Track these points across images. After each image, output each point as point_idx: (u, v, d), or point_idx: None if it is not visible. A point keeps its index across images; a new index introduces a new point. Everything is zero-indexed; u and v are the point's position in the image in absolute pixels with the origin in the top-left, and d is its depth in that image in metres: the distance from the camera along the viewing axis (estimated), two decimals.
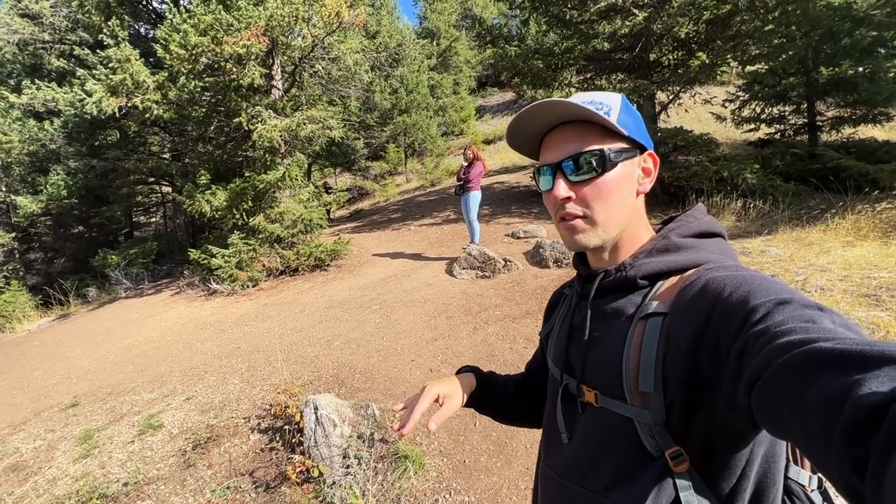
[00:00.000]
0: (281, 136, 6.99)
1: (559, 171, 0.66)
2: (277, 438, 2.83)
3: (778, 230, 5.26)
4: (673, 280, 0.63)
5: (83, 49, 8.88)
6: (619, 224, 0.66)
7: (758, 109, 9.36)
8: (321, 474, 2.34)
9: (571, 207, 0.65)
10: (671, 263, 0.63)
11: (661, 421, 0.55)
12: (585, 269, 0.73)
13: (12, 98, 9.62)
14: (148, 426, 3.35)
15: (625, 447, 0.59)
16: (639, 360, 0.58)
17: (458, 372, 0.93)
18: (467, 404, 0.89)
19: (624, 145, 0.66)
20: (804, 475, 0.61)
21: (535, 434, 2.51)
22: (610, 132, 0.65)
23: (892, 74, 8.17)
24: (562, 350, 0.73)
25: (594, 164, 0.63)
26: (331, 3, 6.85)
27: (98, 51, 8.27)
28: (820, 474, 0.62)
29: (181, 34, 6.25)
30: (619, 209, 0.65)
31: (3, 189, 12.37)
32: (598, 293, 0.68)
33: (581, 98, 0.66)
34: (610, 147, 0.64)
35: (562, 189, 0.65)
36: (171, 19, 6.44)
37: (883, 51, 8.10)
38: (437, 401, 0.82)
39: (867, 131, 8.75)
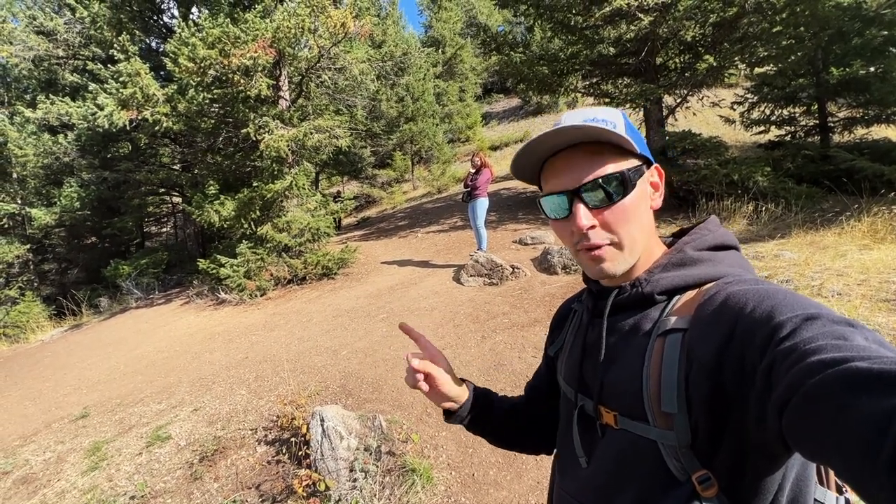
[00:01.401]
0: (288, 145, 7.05)
1: (577, 198, 0.61)
2: (284, 451, 2.81)
3: (791, 234, 5.16)
4: (690, 294, 0.60)
5: (95, 64, 9.07)
6: (643, 244, 0.64)
7: (767, 111, 9.25)
8: (327, 488, 2.30)
9: (596, 236, 0.61)
10: (688, 278, 0.60)
11: (687, 443, 0.52)
12: (596, 284, 0.71)
13: (28, 113, 9.84)
14: (156, 438, 3.35)
15: (648, 471, 0.56)
16: (660, 378, 0.55)
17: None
18: (453, 419, 0.84)
19: (637, 163, 0.63)
20: (830, 496, 0.58)
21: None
22: (621, 150, 0.62)
23: None
24: (576, 370, 0.70)
25: (617, 188, 0.60)
26: (336, 14, 6.93)
27: (110, 65, 8.44)
28: (847, 496, 0.59)
29: (190, 48, 6.35)
30: (641, 230, 0.63)
31: (19, 201, 12.62)
32: (612, 309, 0.66)
33: (581, 116, 0.62)
34: (628, 168, 0.61)
35: (585, 217, 0.60)
36: (180, 33, 6.55)
37: (894, 50, 7.98)
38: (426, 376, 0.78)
39: (880, 131, 8.60)
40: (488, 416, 0.85)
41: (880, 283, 3.46)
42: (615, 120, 0.63)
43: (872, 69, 7.71)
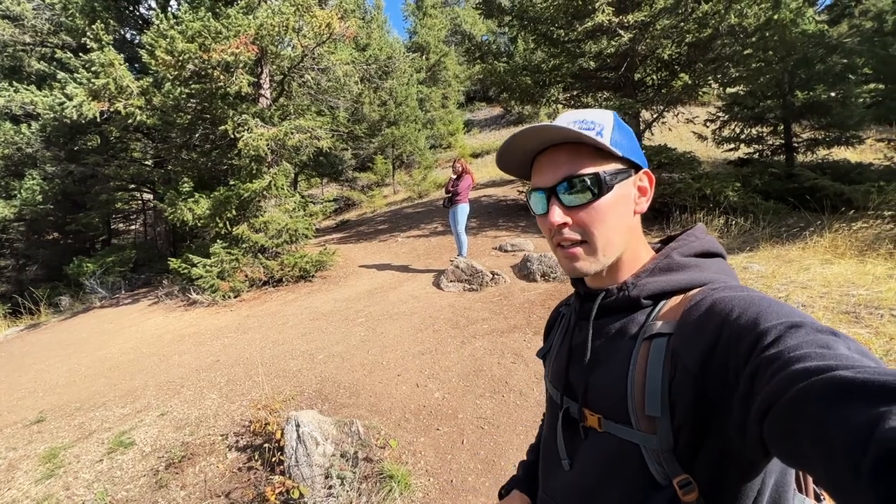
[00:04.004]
0: (268, 144, 6.91)
1: (553, 196, 0.63)
2: (256, 457, 2.72)
3: (759, 247, 5.38)
4: (676, 300, 0.61)
5: (65, 52, 8.71)
6: (619, 247, 0.64)
7: (737, 130, 9.65)
8: (302, 496, 2.24)
9: (568, 233, 0.63)
10: (674, 283, 0.61)
11: (669, 447, 0.53)
12: (584, 287, 0.71)
13: None
14: (118, 444, 3.19)
15: (630, 474, 0.56)
16: (644, 382, 0.56)
17: (503, 495, 0.90)
18: None
19: (619, 166, 0.63)
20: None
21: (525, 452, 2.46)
22: (603, 152, 0.62)
23: (861, 100, 8.56)
24: (561, 372, 0.70)
25: (590, 188, 0.61)
26: (322, 14, 6.87)
27: (81, 54, 8.12)
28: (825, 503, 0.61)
29: (168, 40, 6.17)
30: (617, 232, 0.63)
31: None
32: (598, 313, 0.66)
33: (572, 117, 0.64)
34: (605, 169, 0.62)
35: (557, 215, 0.62)
36: (158, 25, 6.36)
37: (853, 77, 8.49)
38: None
39: (840, 153, 9.10)
40: None
41: (841, 296, 3.64)
42: (603, 122, 0.63)
43: (833, 94, 8.18)
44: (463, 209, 6.07)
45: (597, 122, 0.63)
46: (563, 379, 0.69)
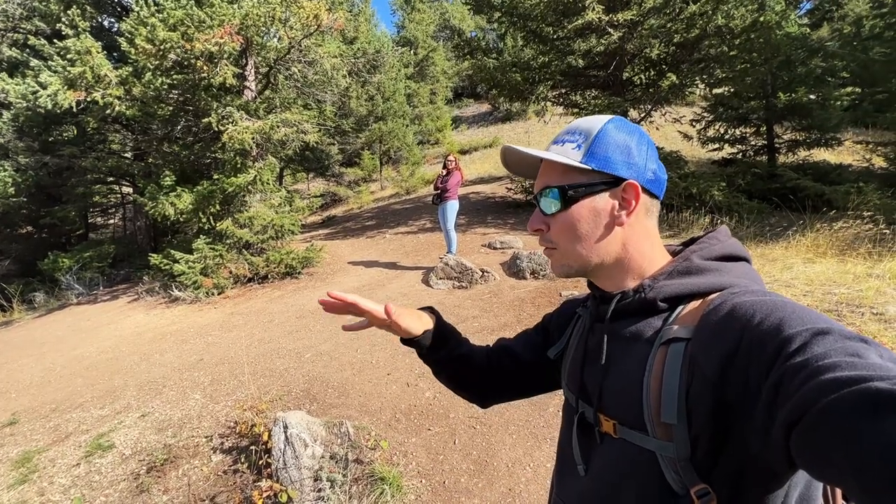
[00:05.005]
0: (253, 138, 6.75)
1: (537, 202, 0.68)
2: (242, 460, 2.65)
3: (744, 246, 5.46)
4: (695, 304, 0.59)
5: (39, 39, 8.35)
6: (588, 256, 0.64)
7: (721, 130, 9.80)
8: (290, 499, 2.18)
9: (543, 238, 0.68)
10: (693, 286, 0.59)
11: (686, 455, 0.51)
12: (599, 289, 0.69)
13: None
14: (97, 446, 3.08)
15: (646, 482, 0.55)
16: (660, 388, 0.54)
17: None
18: (409, 342, 0.82)
19: (588, 180, 0.63)
20: None
21: (517, 453, 2.45)
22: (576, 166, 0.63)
23: (839, 103, 8.77)
24: (577, 375, 0.69)
25: (555, 201, 0.64)
26: (309, 5, 6.72)
27: (55, 41, 7.80)
28: None
29: (149, 28, 5.97)
30: (584, 243, 0.64)
31: None
32: (614, 315, 0.64)
33: (567, 127, 0.67)
34: (570, 183, 0.63)
35: (534, 221, 0.68)
36: (138, 12, 6.14)
37: (832, 80, 8.70)
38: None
39: (819, 154, 9.31)
40: (439, 351, 0.84)
41: (823, 295, 3.72)
42: (589, 132, 0.64)
43: (813, 96, 8.36)
44: (452, 206, 6.03)
45: (583, 132, 0.64)
46: (578, 382, 0.68)
